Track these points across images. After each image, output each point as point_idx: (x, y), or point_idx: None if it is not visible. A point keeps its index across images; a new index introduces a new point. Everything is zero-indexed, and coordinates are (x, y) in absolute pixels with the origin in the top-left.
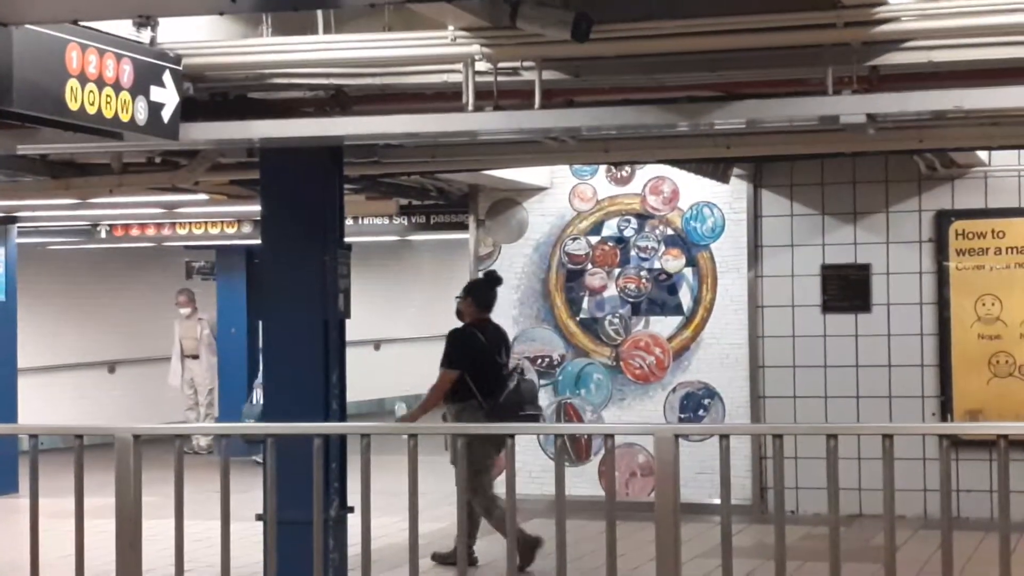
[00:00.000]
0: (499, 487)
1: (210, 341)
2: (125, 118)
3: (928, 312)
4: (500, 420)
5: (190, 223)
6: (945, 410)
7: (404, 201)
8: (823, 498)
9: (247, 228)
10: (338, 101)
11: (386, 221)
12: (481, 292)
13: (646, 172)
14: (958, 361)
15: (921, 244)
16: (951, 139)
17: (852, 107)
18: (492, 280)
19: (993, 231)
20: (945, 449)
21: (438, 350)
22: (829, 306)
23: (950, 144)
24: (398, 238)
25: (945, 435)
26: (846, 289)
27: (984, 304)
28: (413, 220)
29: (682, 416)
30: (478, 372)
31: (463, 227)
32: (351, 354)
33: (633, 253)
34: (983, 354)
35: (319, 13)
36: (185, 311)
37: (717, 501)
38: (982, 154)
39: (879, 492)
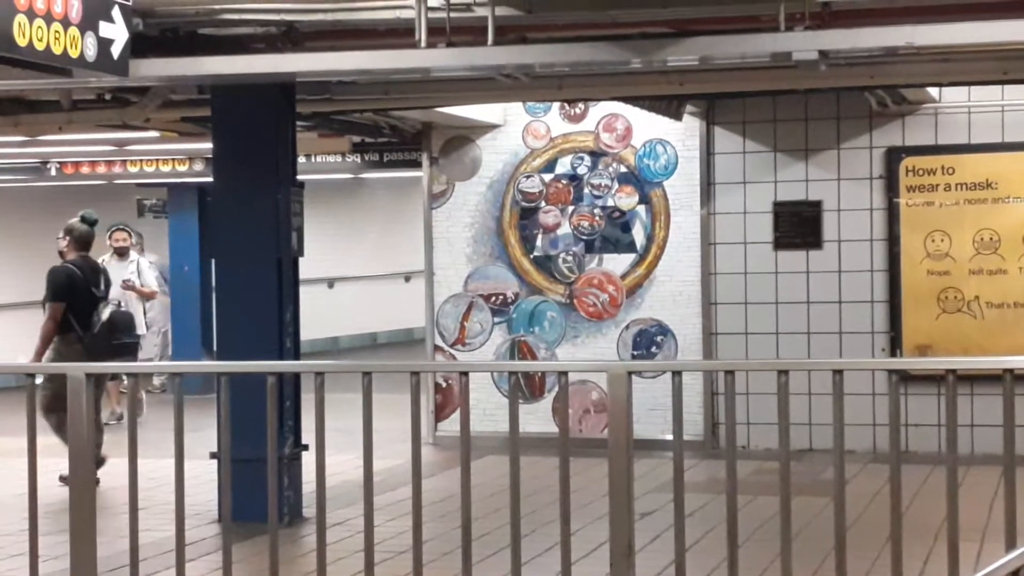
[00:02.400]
0: (446, 425)
1: (161, 282)
2: (74, 54)
3: (878, 248)
4: (95, 350)
5: (141, 160)
6: (895, 346)
7: (357, 139)
8: (774, 433)
9: (199, 166)
10: (289, 37)
11: (339, 159)
12: (79, 233)
13: (599, 109)
14: (908, 297)
15: (872, 181)
16: (902, 75)
17: (804, 43)
18: (88, 222)
19: (943, 167)
20: (894, 384)
21: (392, 288)
22: (781, 243)
23: (901, 81)
24: (351, 176)
25: (894, 370)
26: (798, 226)
27: (934, 240)
28: (366, 158)
29: (635, 353)
30: (77, 306)
31: (416, 165)
32: (304, 292)
33: (586, 191)
34: (932, 290)
35: None
36: (152, 256)
37: (669, 437)
38: (932, 91)
39: (829, 427)
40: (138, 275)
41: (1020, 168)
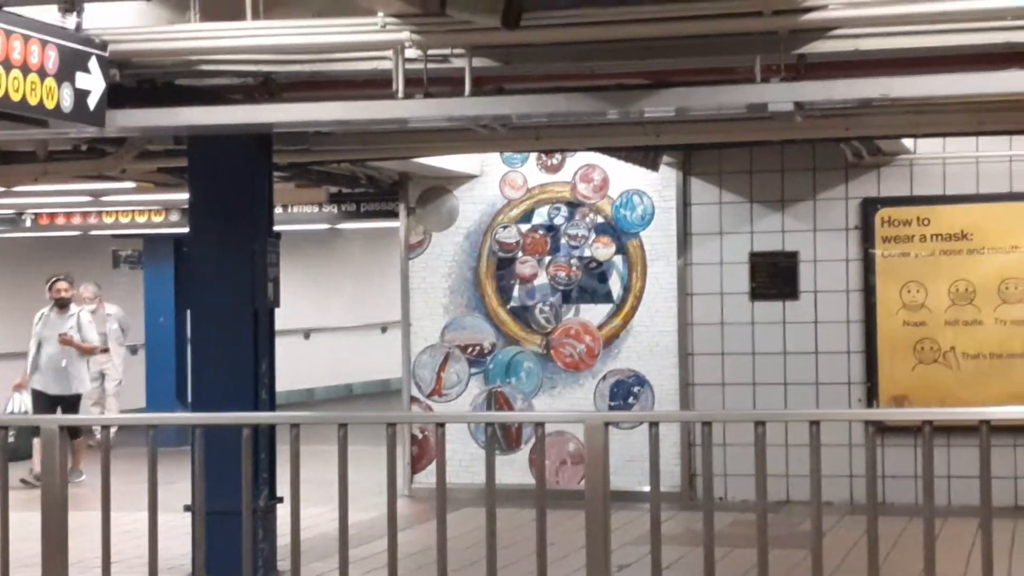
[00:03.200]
0: (422, 477)
1: (119, 335)
2: (50, 104)
3: (855, 299)
4: None
5: (117, 212)
6: (871, 396)
7: (334, 189)
8: (751, 485)
9: (175, 216)
10: (267, 88)
11: (316, 209)
12: None
13: (576, 160)
14: (884, 347)
15: (848, 231)
16: (877, 127)
17: (780, 95)
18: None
19: (918, 218)
20: (871, 435)
21: (369, 339)
22: (757, 293)
23: (876, 132)
24: (328, 226)
25: (871, 421)
26: (774, 276)
27: (909, 291)
28: (343, 208)
29: (612, 404)
30: None
31: (393, 215)
32: (281, 343)
33: (563, 241)
34: (908, 340)
35: None
36: (91, 306)
37: (646, 489)
38: (907, 142)
39: (806, 478)
40: (78, 329)
41: (995, 219)
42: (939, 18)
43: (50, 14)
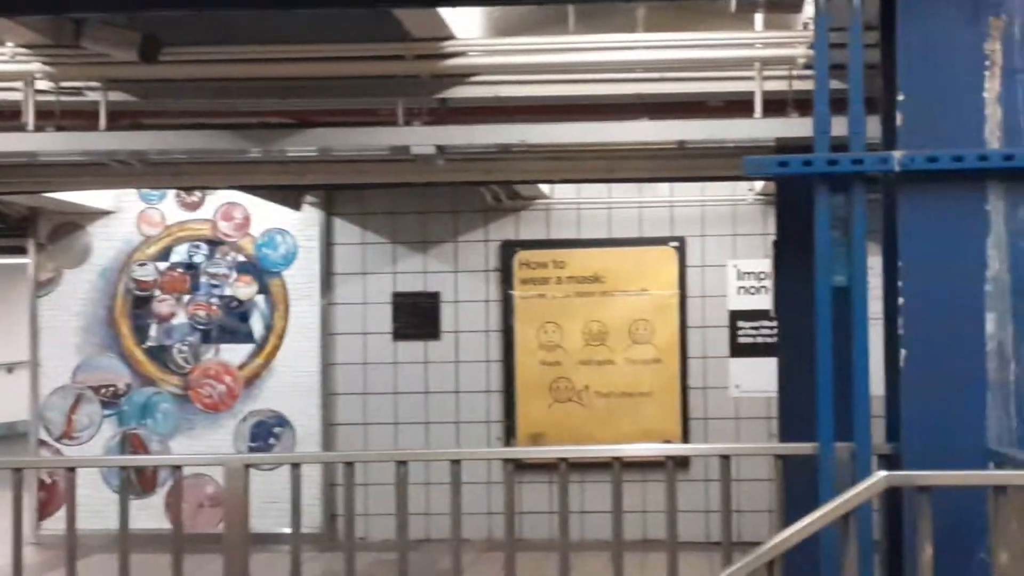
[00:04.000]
0: (50, 523)
1: None
2: None
3: (494, 339)
4: None
5: None
6: (510, 435)
7: None
8: (392, 523)
9: None
10: None
11: None
12: None
13: (217, 197)
14: (522, 387)
15: (488, 273)
16: (516, 172)
17: (422, 138)
18: None
19: (554, 261)
20: (510, 473)
21: None
22: (400, 333)
23: (515, 177)
24: None
25: (509, 459)
26: (416, 316)
27: (546, 331)
28: None
29: (253, 445)
30: None
31: (22, 251)
32: None
33: (204, 279)
34: (545, 380)
35: None
36: None
37: (288, 530)
38: (544, 187)
39: (447, 516)
40: None
41: (625, 263)
42: (574, 69)
43: None
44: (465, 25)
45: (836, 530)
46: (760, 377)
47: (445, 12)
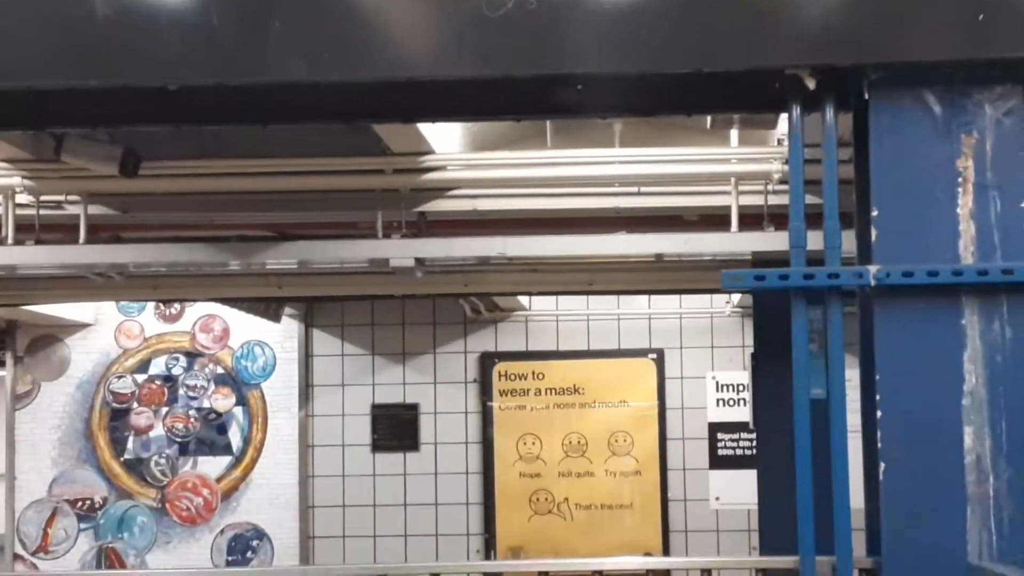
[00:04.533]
0: None
1: None
2: None
3: (473, 451)
4: None
5: None
6: (489, 547)
7: None
8: None
9: None
10: None
11: None
12: None
13: (196, 310)
14: (501, 499)
15: (467, 384)
16: (494, 284)
17: (401, 251)
18: None
19: (533, 373)
20: None
21: None
22: (379, 445)
23: (494, 289)
24: None
25: (489, 573)
26: (395, 428)
27: (525, 443)
28: None
29: (229, 559)
30: None
31: None
32: None
33: (182, 392)
34: (525, 492)
35: None
36: None
37: None
38: (523, 299)
39: None
40: None
41: (604, 375)
42: (552, 183)
43: None
44: (444, 139)
45: None
46: (740, 489)
47: (424, 127)
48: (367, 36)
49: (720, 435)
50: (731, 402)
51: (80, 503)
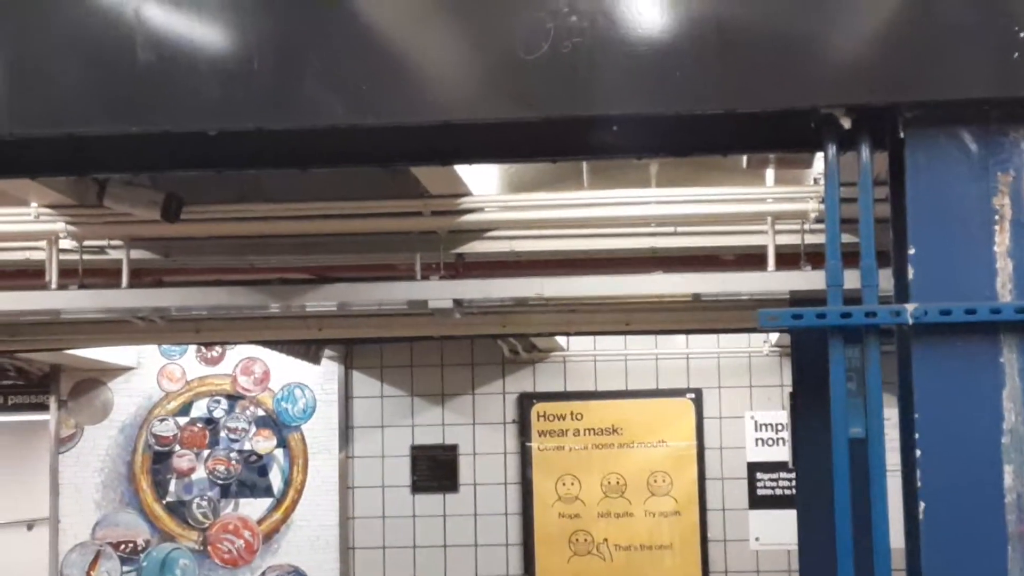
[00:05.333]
0: None
1: None
2: None
3: (512, 491)
4: None
5: None
6: None
7: None
8: None
9: None
10: None
11: None
12: None
13: (237, 352)
14: (540, 539)
15: (505, 425)
16: (532, 325)
17: (439, 292)
18: None
19: (572, 413)
20: None
21: (12, 537)
22: (418, 486)
23: (531, 329)
24: None
25: None
26: (435, 469)
27: (564, 484)
28: None
29: None
30: None
31: (43, 408)
32: None
33: (223, 434)
34: (564, 532)
35: None
36: None
37: None
38: (561, 339)
39: None
40: None
41: (642, 415)
42: (589, 223)
43: None
44: (481, 181)
45: None
46: (780, 529)
47: (461, 169)
48: (403, 80)
49: (759, 475)
50: (770, 441)
51: (123, 546)
